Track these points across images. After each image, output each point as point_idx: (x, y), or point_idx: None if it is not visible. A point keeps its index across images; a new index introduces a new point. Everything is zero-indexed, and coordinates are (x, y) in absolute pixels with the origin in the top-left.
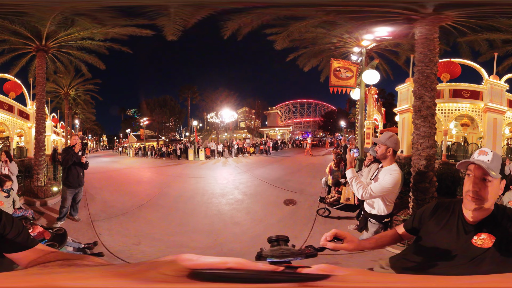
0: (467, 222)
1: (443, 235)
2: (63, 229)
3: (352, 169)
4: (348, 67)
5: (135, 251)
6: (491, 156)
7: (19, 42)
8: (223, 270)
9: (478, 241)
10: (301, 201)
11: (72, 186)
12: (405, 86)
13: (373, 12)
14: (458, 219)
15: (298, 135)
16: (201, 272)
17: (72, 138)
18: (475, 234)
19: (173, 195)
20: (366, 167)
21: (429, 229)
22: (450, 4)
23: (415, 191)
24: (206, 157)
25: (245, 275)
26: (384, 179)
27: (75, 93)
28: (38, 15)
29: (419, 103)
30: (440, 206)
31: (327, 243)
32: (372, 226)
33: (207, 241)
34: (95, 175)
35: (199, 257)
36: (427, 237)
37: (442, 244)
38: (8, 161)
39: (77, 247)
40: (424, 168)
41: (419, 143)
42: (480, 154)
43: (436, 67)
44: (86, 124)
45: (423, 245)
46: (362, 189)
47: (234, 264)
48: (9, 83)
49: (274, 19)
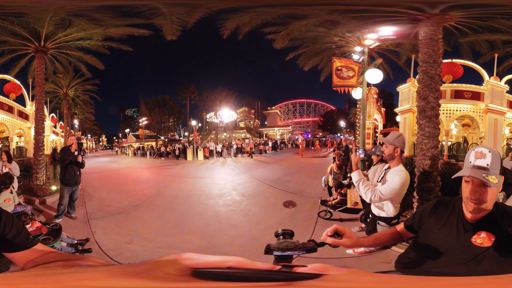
0: (467, 220)
1: (443, 234)
2: (59, 224)
3: (358, 171)
4: (349, 66)
5: (125, 250)
6: (489, 159)
7: (18, 43)
8: (223, 269)
9: (478, 240)
10: (301, 203)
11: (69, 184)
12: (407, 86)
13: (378, 12)
14: (458, 217)
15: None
16: (202, 271)
17: (69, 138)
18: (475, 233)
19: (170, 195)
20: (372, 167)
21: (429, 227)
22: (457, 5)
23: (420, 191)
24: (204, 157)
25: (244, 274)
26: (393, 181)
27: (74, 93)
28: (36, 16)
29: (423, 104)
30: (440, 204)
31: (327, 238)
32: (381, 228)
33: (200, 243)
34: (93, 175)
35: (200, 256)
36: (427, 235)
37: (442, 242)
38: (7, 161)
39: (70, 242)
40: (429, 168)
41: (423, 143)
42: (477, 158)
43: (440, 68)
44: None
45: (423, 244)
46: (371, 192)
47: (233, 263)
48: (9, 84)
49: (274, 18)
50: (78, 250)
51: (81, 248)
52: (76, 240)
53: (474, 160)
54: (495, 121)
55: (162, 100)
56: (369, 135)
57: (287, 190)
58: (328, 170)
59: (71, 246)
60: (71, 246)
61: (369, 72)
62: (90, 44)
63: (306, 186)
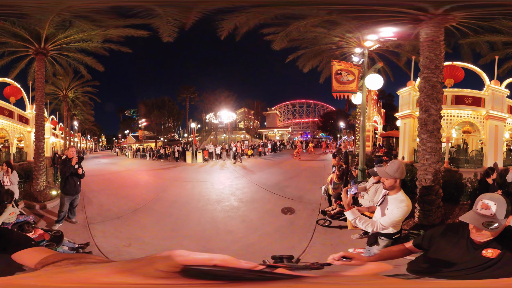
0: (475, 243)
1: (455, 251)
2: (60, 231)
3: (351, 210)
4: (349, 69)
5: (123, 252)
6: (494, 209)
7: (18, 44)
8: (209, 266)
9: (488, 254)
10: (299, 210)
11: (70, 194)
12: (407, 90)
13: (378, 12)
14: (467, 241)
15: (297, 135)
16: (190, 269)
17: (69, 150)
18: (484, 249)
19: (168, 200)
20: (373, 185)
21: (440, 247)
22: (460, 5)
23: (421, 203)
24: (204, 159)
25: (227, 273)
26: (393, 213)
27: (73, 95)
28: (36, 16)
29: (425, 116)
30: (449, 229)
31: (334, 262)
32: (383, 241)
33: (196, 248)
34: (93, 178)
35: (190, 253)
36: (439, 252)
37: (454, 256)
38: (9, 171)
39: (72, 246)
40: (431, 183)
41: (425, 158)
42: (483, 208)
43: (442, 74)
44: (84, 125)
45: (434, 257)
46: (371, 226)
47: (219, 261)
48: (9, 88)
49: (272, 18)
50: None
51: (82, 252)
52: (77, 244)
53: (480, 209)
54: (495, 128)
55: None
56: (369, 137)
57: (285, 196)
58: (328, 180)
59: (72, 250)
60: (73, 250)
61: (369, 78)
62: (90, 45)
63: (305, 191)
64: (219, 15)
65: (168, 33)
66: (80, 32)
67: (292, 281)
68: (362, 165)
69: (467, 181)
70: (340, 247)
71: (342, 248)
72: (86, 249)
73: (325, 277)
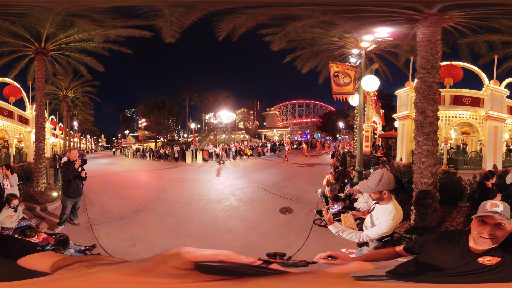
0: (472, 251)
1: (446, 257)
2: (65, 235)
3: (333, 225)
4: (346, 71)
5: (130, 253)
6: (502, 208)
7: (18, 44)
8: (216, 262)
9: (485, 261)
10: (297, 210)
11: (72, 197)
12: (405, 91)
13: (373, 12)
14: (463, 249)
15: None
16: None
17: (71, 152)
18: (481, 257)
19: (169, 200)
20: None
21: (431, 253)
22: (454, 5)
23: (418, 206)
24: (203, 160)
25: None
26: (381, 226)
27: (73, 95)
28: (37, 16)
29: (421, 118)
30: (444, 237)
31: (320, 260)
32: (373, 243)
33: (199, 246)
34: (94, 179)
35: (196, 250)
36: (430, 257)
37: (444, 262)
38: (9, 173)
39: (78, 249)
40: (427, 186)
41: (421, 161)
42: (493, 206)
43: (438, 74)
44: (84, 125)
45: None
46: (356, 237)
47: (224, 256)
48: (8, 88)
49: (270, 19)
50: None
51: (89, 254)
52: (83, 247)
53: (490, 207)
54: (495, 129)
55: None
56: (368, 138)
57: (284, 196)
58: (324, 182)
59: (79, 252)
60: (80, 253)
61: (365, 80)
62: (90, 45)
63: (304, 192)
64: (218, 16)
65: (170, 34)
66: (81, 32)
67: (277, 276)
68: (359, 166)
69: (466, 183)
70: (334, 247)
71: (336, 247)
72: (93, 251)
73: (305, 273)
